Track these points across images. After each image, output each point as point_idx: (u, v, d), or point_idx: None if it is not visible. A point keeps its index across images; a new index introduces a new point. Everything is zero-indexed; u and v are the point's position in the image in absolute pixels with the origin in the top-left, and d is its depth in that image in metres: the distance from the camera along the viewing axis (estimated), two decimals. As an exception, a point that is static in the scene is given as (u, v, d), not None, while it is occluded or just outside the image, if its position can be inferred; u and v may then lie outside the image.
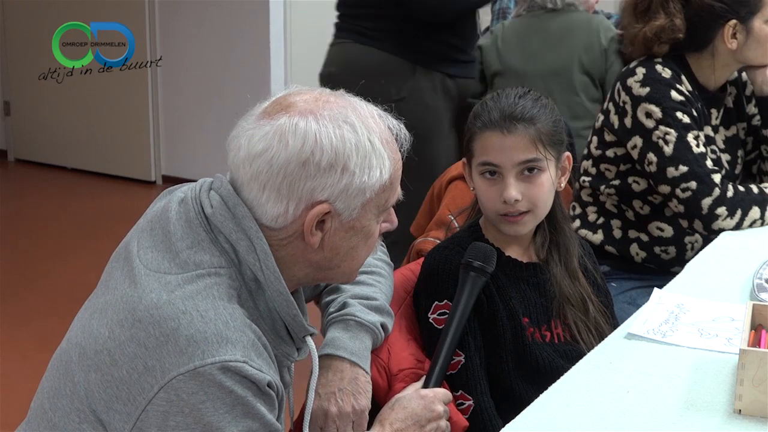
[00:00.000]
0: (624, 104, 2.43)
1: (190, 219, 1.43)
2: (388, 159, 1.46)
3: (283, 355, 1.48)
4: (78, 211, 5.38)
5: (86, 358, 1.39)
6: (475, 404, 1.79)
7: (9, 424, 3.02)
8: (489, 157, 1.84)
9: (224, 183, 1.46)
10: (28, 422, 1.50)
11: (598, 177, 2.54)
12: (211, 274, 1.39)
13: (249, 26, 5.43)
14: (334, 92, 1.49)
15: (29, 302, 4.18)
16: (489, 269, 1.79)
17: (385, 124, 1.49)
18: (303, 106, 1.43)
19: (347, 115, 1.43)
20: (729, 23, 2.41)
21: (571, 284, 1.92)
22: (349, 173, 1.42)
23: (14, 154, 6.26)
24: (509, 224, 1.86)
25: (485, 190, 1.86)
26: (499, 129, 1.82)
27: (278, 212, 1.42)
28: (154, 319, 1.35)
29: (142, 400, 1.33)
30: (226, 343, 1.34)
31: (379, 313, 1.72)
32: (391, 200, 1.50)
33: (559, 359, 1.85)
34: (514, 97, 1.85)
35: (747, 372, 1.52)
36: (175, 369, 1.32)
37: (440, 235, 2.30)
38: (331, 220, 1.44)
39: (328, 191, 1.41)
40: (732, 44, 2.42)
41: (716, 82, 2.50)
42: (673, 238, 2.50)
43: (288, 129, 1.40)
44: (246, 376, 1.34)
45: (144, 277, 1.39)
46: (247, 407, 1.35)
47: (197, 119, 5.65)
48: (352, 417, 1.61)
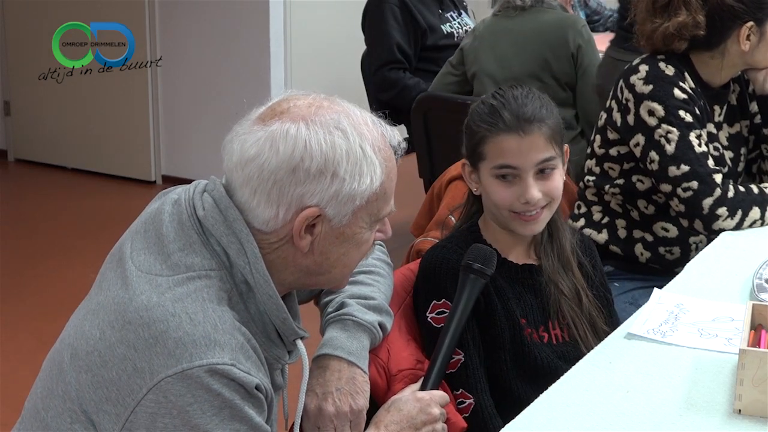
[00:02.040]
0: (627, 101, 2.43)
1: (183, 221, 1.44)
2: (380, 166, 1.46)
3: (274, 357, 1.49)
4: (78, 211, 5.38)
5: (78, 358, 1.40)
6: (475, 403, 1.79)
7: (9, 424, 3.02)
8: (506, 159, 1.84)
9: (217, 185, 1.46)
10: (22, 422, 1.51)
11: (603, 176, 2.53)
12: (202, 277, 1.40)
13: (249, 26, 5.43)
14: (329, 98, 1.49)
15: (29, 302, 4.17)
16: (489, 271, 1.79)
17: (379, 131, 1.48)
18: (296, 112, 1.44)
19: (339, 121, 1.44)
20: (746, 24, 2.40)
21: (565, 275, 1.93)
22: (339, 180, 1.42)
23: (14, 154, 6.25)
24: (526, 223, 1.86)
25: (500, 192, 1.86)
26: (515, 131, 1.83)
27: (269, 216, 1.42)
28: (143, 321, 1.35)
29: (131, 402, 1.34)
30: (214, 346, 1.34)
31: (378, 313, 1.72)
32: (384, 210, 1.50)
33: (558, 360, 1.86)
34: (522, 98, 1.86)
35: (747, 372, 1.52)
36: (164, 371, 1.33)
37: (440, 235, 2.30)
38: (321, 225, 1.44)
39: (317, 197, 1.42)
40: (745, 46, 2.41)
41: (721, 80, 2.49)
42: (677, 239, 2.50)
43: (279, 135, 1.41)
44: (234, 378, 1.35)
45: (135, 279, 1.40)
46: (235, 410, 1.35)
47: (197, 119, 5.65)
48: (350, 417, 1.61)
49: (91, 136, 5.95)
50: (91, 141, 5.96)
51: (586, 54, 3.78)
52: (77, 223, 5.17)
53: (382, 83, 4.32)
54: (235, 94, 5.39)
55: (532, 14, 3.82)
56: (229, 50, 5.49)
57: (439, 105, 3.96)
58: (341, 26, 5.69)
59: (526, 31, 3.81)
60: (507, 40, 3.83)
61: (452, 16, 4.58)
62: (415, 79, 4.32)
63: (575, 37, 3.77)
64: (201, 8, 5.53)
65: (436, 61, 4.21)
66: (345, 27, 5.45)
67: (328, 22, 5.85)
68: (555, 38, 3.78)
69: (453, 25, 4.54)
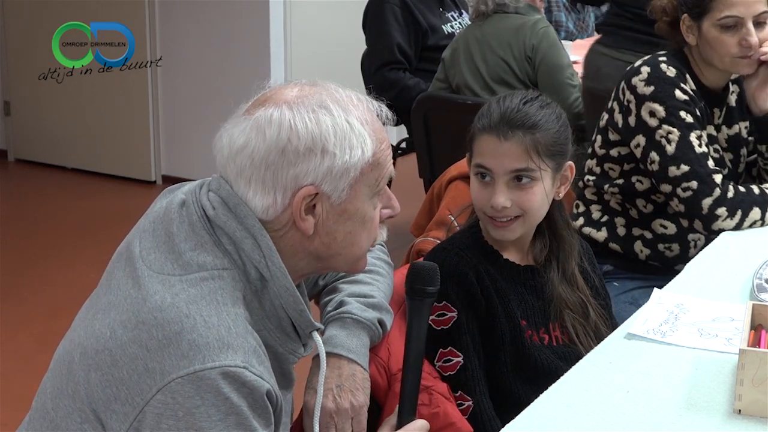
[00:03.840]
0: (628, 103, 2.43)
1: (193, 222, 1.44)
2: (369, 138, 1.46)
3: (290, 351, 1.48)
4: (78, 211, 5.37)
5: (87, 357, 1.39)
6: (474, 405, 1.79)
7: (8, 424, 3.02)
8: (483, 160, 1.83)
9: (222, 184, 1.46)
10: (30, 422, 1.50)
11: (602, 176, 2.54)
12: (215, 277, 1.39)
13: (249, 26, 5.42)
14: (311, 81, 1.50)
15: (29, 302, 4.17)
16: (432, 289, 1.69)
17: (365, 106, 1.49)
18: (279, 97, 1.45)
19: (323, 100, 1.45)
20: (683, 16, 2.42)
21: (570, 290, 1.91)
22: (330, 155, 1.42)
23: (14, 154, 6.25)
24: (496, 228, 1.85)
25: (477, 191, 1.86)
26: (496, 134, 1.81)
27: (267, 204, 1.43)
28: (157, 321, 1.35)
29: (140, 401, 1.33)
30: (227, 349, 1.34)
31: (377, 310, 1.72)
32: (382, 180, 1.50)
33: (558, 361, 1.85)
34: (519, 103, 1.83)
35: (747, 372, 1.52)
36: (175, 372, 1.32)
37: (440, 235, 2.30)
38: (321, 204, 1.44)
39: (311, 175, 1.42)
40: (690, 39, 2.43)
41: (714, 81, 2.49)
42: (676, 236, 2.50)
43: (264, 121, 1.42)
44: (245, 382, 1.34)
45: (147, 279, 1.39)
46: (241, 417, 1.34)
47: (197, 119, 5.65)
48: (351, 413, 1.61)
49: (91, 136, 5.95)
50: (91, 141, 5.96)
51: (539, 51, 3.88)
52: (77, 223, 5.17)
53: (382, 83, 4.33)
54: (235, 94, 5.32)
55: (495, 21, 3.96)
56: (229, 50, 5.49)
57: (439, 105, 3.97)
58: (341, 26, 5.69)
59: (490, 39, 3.95)
60: (477, 48, 3.98)
61: (453, 16, 4.58)
62: (415, 79, 4.33)
63: (530, 38, 3.89)
64: (201, 8, 5.52)
65: (436, 61, 4.21)
66: (345, 27, 5.45)
67: (328, 22, 5.85)
68: (514, 42, 3.91)
69: (454, 25, 4.54)
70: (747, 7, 2.35)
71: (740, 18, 2.35)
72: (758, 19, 2.36)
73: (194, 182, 1.53)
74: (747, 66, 2.42)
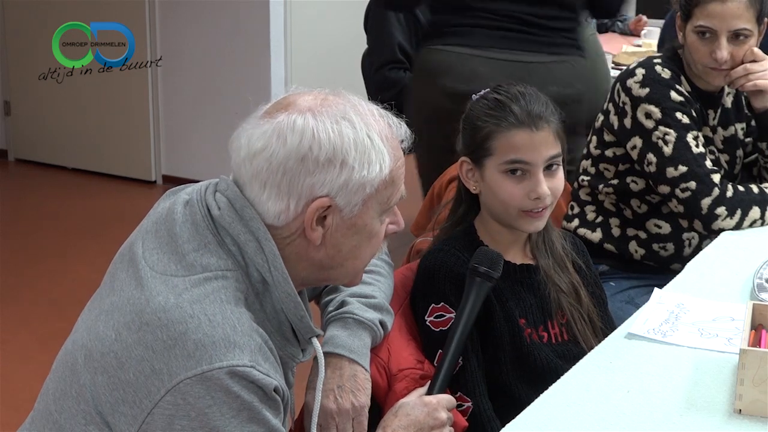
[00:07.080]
0: (624, 105, 2.43)
1: (197, 222, 1.43)
2: (388, 155, 1.46)
3: (289, 356, 1.49)
4: (78, 211, 5.38)
5: (92, 360, 1.39)
6: (473, 406, 1.79)
7: (9, 424, 3.02)
8: (519, 154, 1.84)
9: (230, 185, 1.46)
10: (33, 423, 1.49)
11: (597, 176, 2.54)
12: (218, 278, 1.39)
13: (249, 26, 5.43)
14: (335, 91, 1.49)
15: (29, 302, 4.17)
16: (495, 275, 1.78)
17: (385, 122, 1.49)
18: (302, 104, 1.44)
19: (346, 112, 1.44)
20: (677, 15, 2.44)
21: (561, 273, 1.94)
22: (348, 168, 1.42)
23: (14, 154, 6.26)
24: (533, 220, 1.87)
25: (509, 188, 1.86)
26: (528, 127, 1.84)
27: (280, 209, 1.42)
28: (161, 322, 1.35)
29: (149, 403, 1.33)
30: (234, 348, 1.34)
31: (378, 311, 1.72)
32: (394, 198, 1.50)
33: (557, 359, 1.85)
34: (528, 95, 1.87)
35: (747, 372, 1.52)
36: (183, 373, 1.32)
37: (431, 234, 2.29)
38: (333, 216, 1.44)
39: (327, 186, 1.42)
40: (681, 39, 2.44)
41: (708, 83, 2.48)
42: (670, 235, 2.50)
43: (286, 126, 1.41)
44: (253, 380, 1.34)
45: (150, 280, 1.39)
46: (253, 412, 1.35)
47: (197, 119, 5.65)
48: (352, 414, 1.61)
49: (91, 136, 5.95)
50: (91, 141, 5.96)
51: None
52: (77, 223, 5.17)
53: (382, 83, 4.32)
54: (235, 94, 5.40)
55: None
56: (229, 50, 5.49)
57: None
58: (342, 26, 5.69)
59: None
60: None
61: None
62: None
63: None
64: (201, 8, 5.53)
65: (436, 61, 4.21)
66: (345, 27, 5.45)
67: (328, 22, 5.85)
68: None
69: None
70: (722, 21, 2.33)
71: (714, 30, 2.34)
72: (736, 33, 2.35)
73: (199, 183, 1.52)
74: (718, 77, 2.41)
